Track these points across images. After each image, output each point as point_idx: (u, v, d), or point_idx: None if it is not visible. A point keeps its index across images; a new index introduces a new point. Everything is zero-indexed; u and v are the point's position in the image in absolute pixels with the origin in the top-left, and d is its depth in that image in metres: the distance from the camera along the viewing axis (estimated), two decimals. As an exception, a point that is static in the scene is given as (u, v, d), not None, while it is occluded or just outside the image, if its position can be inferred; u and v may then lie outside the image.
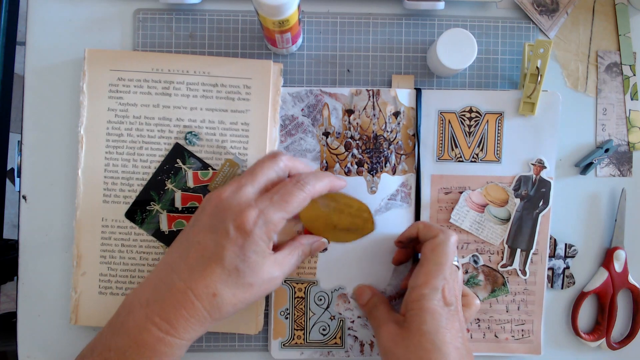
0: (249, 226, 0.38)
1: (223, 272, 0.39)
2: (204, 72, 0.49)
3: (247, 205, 0.39)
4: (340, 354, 0.51)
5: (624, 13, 0.53)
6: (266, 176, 0.42)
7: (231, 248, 0.38)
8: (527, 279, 0.51)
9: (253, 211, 0.39)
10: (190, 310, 0.39)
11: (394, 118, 0.50)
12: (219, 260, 0.39)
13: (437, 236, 0.43)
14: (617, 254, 0.52)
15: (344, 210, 0.49)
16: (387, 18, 0.52)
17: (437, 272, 0.42)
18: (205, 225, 0.40)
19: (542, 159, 0.51)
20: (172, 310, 0.38)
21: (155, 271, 0.41)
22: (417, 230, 0.46)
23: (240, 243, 0.39)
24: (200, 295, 0.39)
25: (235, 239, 0.38)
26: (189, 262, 0.39)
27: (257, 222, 0.39)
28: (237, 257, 0.39)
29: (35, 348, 0.51)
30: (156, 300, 0.39)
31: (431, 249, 0.43)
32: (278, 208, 0.39)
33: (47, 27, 0.51)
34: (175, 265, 0.40)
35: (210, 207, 0.40)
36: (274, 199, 0.40)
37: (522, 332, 0.52)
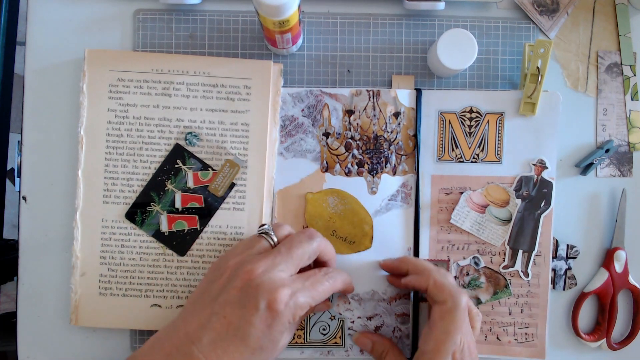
0: (281, 306, 0.38)
1: (246, 350, 0.38)
2: (204, 73, 0.49)
3: (282, 285, 0.39)
4: (340, 353, 0.51)
5: (624, 13, 0.53)
6: (300, 258, 0.42)
7: (259, 326, 0.38)
8: (530, 281, 0.51)
9: (286, 291, 0.38)
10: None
11: (394, 118, 0.50)
12: (244, 338, 0.38)
13: (446, 302, 0.43)
14: (617, 255, 0.52)
15: (348, 217, 0.49)
16: (387, 18, 0.52)
17: (446, 340, 0.42)
18: (233, 298, 0.39)
19: (543, 159, 0.51)
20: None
21: (170, 336, 0.39)
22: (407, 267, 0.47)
23: (269, 322, 0.38)
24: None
25: (265, 317, 0.38)
26: (212, 336, 0.38)
27: (289, 303, 0.38)
28: (264, 336, 0.38)
29: (35, 348, 0.51)
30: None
31: (440, 316, 0.43)
32: (308, 294, 0.40)
33: (47, 27, 0.51)
34: (195, 336, 0.38)
35: (240, 281, 0.39)
36: (305, 284, 0.40)
37: (526, 335, 0.51)
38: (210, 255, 0.49)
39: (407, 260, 0.48)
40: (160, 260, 0.49)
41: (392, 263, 0.49)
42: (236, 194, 0.49)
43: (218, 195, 0.49)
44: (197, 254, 0.49)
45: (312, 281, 0.41)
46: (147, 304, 0.49)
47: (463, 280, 0.51)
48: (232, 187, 0.49)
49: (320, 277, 0.42)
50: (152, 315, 0.49)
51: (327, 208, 0.49)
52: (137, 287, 0.49)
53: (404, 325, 0.51)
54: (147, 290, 0.49)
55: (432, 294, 0.44)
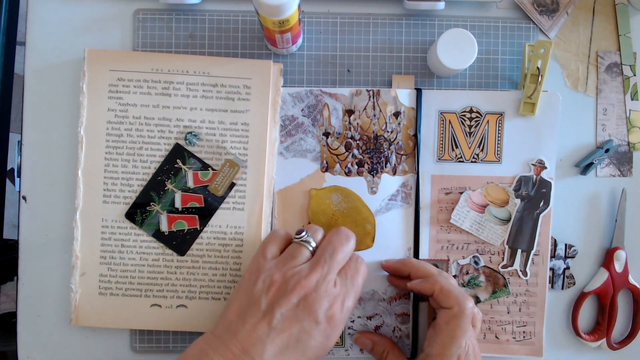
0: (338, 317, 0.40)
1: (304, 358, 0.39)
2: (203, 72, 0.49)
3: (335, 296, 0.40)
4: (340, 352, 0.51)
5: (624, 13, 0.53)
6: (343, 262, 0.43)
7: (319, 338, 0.39)
8: (529, 280, 0.51)
9: (339, 301, 0.40)
10: None
11: (395, 118, 0.50)
12: (304, 350, 0.39)
13: (452, 308, 0.43)
14: (617, 254, 0.52)
15: (351, 215, 0.49)
16: (387, 18, 0.52)
17: (452, 344, 0.42)
18: (291, 313, 0.39)
19: (542, 159, 0.51)
20: None
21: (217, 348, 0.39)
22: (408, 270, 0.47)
23: (328, 333, 0.40)
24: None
25: (324, 329, 0.40)
26: (273, 350, 0.38)
27: (343, 311, 0.40)
28: (322, 346, 0.40)
29: (35, 348, 0.51)
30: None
31: (446, 321, 0.43)
32: (353, 294, 0.42)
33: (47, 27, 0.51)
34: (254, 351, 0.38)
35: (296, 297, 0.39)
36: (348, 287, 0.42)
37: (524, 333, 0.51)
38: (210, 255, 0.49)
39: (409, 263, 0.48)
40: (160, 260, 0.49)
41: (394, 265, 0.49)
42: (236, 194, 0.49)
43: (218, 195, 0.49)
44: (197, 253, 0.49)
45: (352, 277, 0.42)
46: (147, 304, 0.49)
47: (463, 279, 0.51)
48: (232, 186, 0.49)
49: (356, 267, 0.43)
50: (152, 315, 0.49)
51: (331, 205, 0.49)
52: (137, 287, 0.49)
53: (404, 325, 0.51)
54: (147, 290, 0.49)
55: (439, 300, 0.44)
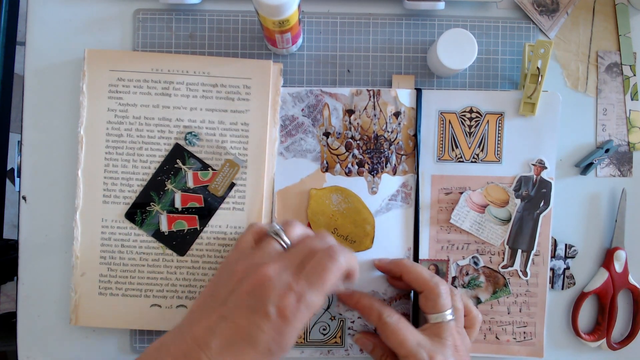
0: (291, 312, 0.37)
1: (256, 355, 0.37)
2: (203, 73, 0.49)
3: (289, 289, 0.37)
4: (340, 352, 0.51)
5: (624, 13, 0.53)
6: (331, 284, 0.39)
7: (270, 332, 0.37)
8: (529, 280, 0.51)
9: (293, 296, 0.37)
10: None
11: (395, 118, 0.50)
12: (253, 344, 0.37)
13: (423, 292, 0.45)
14: (617, 254, 0.52)
15: (350, 216, 0.49)
16: (387, 18, 0.52)
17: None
18: (241, 302, 0.38)
19: (542, 160, 0.51)
20: None
21: (176, 340, 0.38)
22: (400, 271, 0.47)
23: (281, 329, 0.37)
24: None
25: (275, 324, 0.37)
26: (220, 341, 0.37)
27: (299, 307, 0.37)
28: (274, 341, 0.37)
29: (35, 348, 0.51)
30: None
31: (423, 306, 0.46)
32: (317, 289, 0.38)
33: (47, 27, 0.51)
34: (203, 341, 0.37)
35: (250, 285, 0.38)
36: (312, 280, 0.38)
37: (524, 334, 0.51)
38: (210, 255, 0.49)
39: (402, 265, 0.47)
40: (160, 260, 0.49)
41: (386, 265, 0.49)
42: (236, 194, 0.49)
43: (218, 195, 0.49)
44: (197, 254, 0.49)
45: (318, 271, 0.38)
46: (147, 304, 0.49)
47: (463, 280, 0.51)
48: (232, 187, 0.49)
49: (325, 262, 0.39)
50: (152, 315, 0.49)
51: (330, 205, 0.49)
52: (137, 287, 0.49)
53: (404, 325, 0.51)
54: (147, 290, 0.49)
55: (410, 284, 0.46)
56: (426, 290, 0.45)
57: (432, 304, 0.45)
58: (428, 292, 0.45)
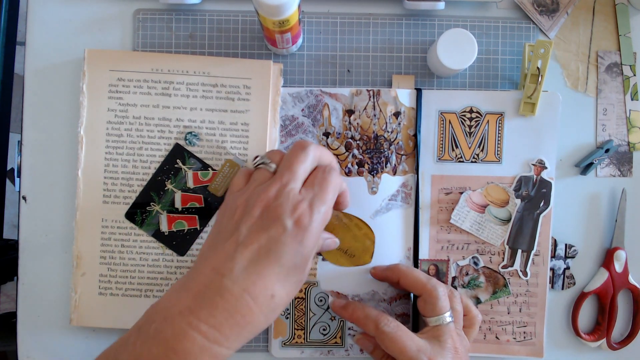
0: (307, 220, 0.37)
1: (281, 270, 0.37)
2: (203, 73, 0.49)
3: (299, 201, 0.38)
4: (340, 352, 0.51)
5: (624, 13, 0.53)
6: (304, 170, 0.40)
7: (291, 244, 0.37)
8: (529, 280, 0.51)
9: (305, 204, 0.38)
10: (247, 316, 0.36)
11: (395, 118, 0.50)
12: (277, 258, 0.37)
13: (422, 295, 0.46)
14: (617, 254, 0.52)
15: (351, 230, 0.49)
16: (387, 18, 0.52)
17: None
18: (255, 226, 0.38)
19: (542, 160, 0.51)
20: (225, 317, 0.35)
21: (193, 277, 0.38)
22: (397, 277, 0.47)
23: (300, 238, 0.37)
24: (258, 298, 0.36)
25: (295, 234, 0.37)
26: (243, 264, 0.36)
27: (312, 215, 0.38)
28: (297, 253, 0.37)
29: (35, 348, 0.51)
30: (203, 306, 0.35)
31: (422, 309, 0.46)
32: (322, 200, 0.39)
33: (47, 27, 0.51)
34: (224, 268, 0.36)
35: (258, 210, 0.38)
36: (315, 191, 0.39)
37: (524, 334, 0.51)
38: (210, 255, 0.49)
39: (398, 270, 0.47)
40: (160, 260, 0.49)
41: (382, 272, 0.49)
42: (236, 194, 0.49)
43: (218, 195, 0.49)
44: (197, 254, 0.49)
45: (319, 184, 0.40)
46: (147, 304, 0.49)
47: (462, 280, 0.51)
48: (232, 187, 0.49)
49: (326, 175, 0.40)
50: (152, 315, 0.49)
51: (332, 219, 0.49)
52: (137, 287, 0.49)
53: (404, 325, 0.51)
54: (147, 290, 0.49)
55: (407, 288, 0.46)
56: (424, 294, 0.45)
57: (430, 307, 0.45)
58: (426, 295, 0.45)
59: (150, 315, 0.37)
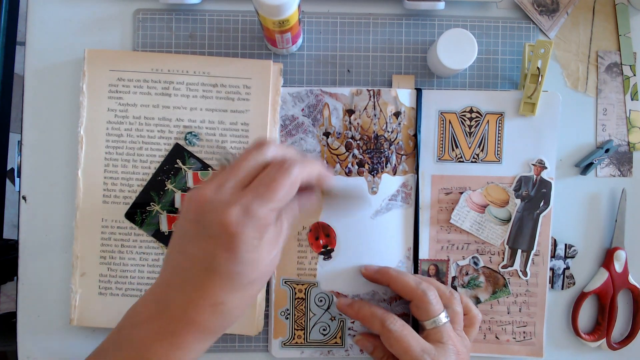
0: (234, 227, 0.34)
1: (222, 279, 0.35)
2: (203, 72, 0.49)
3: (229, 204, 0.34)
4: (340, 353, 0.51)
5: (624, 13, 0.53)
6: (249, 169, 0.36)
7: (222, 254, 0.34)
8: (529, 280, 0.51)
9: (236, 210, 0.34)
10: (196, 325, 0.36)
11: (395, 118, 0.50)
12: (213, 270, 0.35)
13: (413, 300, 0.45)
14: (617, 254, 0.52)
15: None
16: (387, 18, 0.52)
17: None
18: (190, 233, 0.36)
19: (542, 160, 0.51)
20: (176, 327, 0.36)
21: (154, 286, 0.38)
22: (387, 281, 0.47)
23: (230, 246, 0.34)
24: (203, 308, 0.36)
25: (223, 243, 0.34)
26: (184, 276, 0.36)
27: (245, 222, 0.34)
28: (231, 262, 0.35)
29: (35, 348, 0.51)
30: (158, 316, 0.36)
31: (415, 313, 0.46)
32: (264, 200, 0.34)
33: (47, 27, 0.51)
34: (171, 281, 0.37)
35: (192, 213, 0.36)
36: (258, 191, 0.35)
37: (524, 334, 0.51)
38: (210, 255, 0.49)
39: (387, 274, 0.47)
40: (160, 260, 0.49)
41: (373, 275, 0.49)
42: (236, 194, 0.49)
43: (218, 195, 0.49)
44: (197, 253, 0.49)
45: (266, 182, 0.35)
46: (147, 304, 0.49)
47: (462, 280, 0.51)
48: (232, 187, 0.49)
49: (274, 174, 0.35)
50: (152, 315, 0.49)
51: None
52: (137, 287, 0.49)
53: (404, 325, 0.51)
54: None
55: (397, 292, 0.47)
56: (415, 299, 0.45)
57: (423, 312, 0.45)
58: (417, 300, 0.45)
59: (123, 321, 0.38)
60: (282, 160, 0.37)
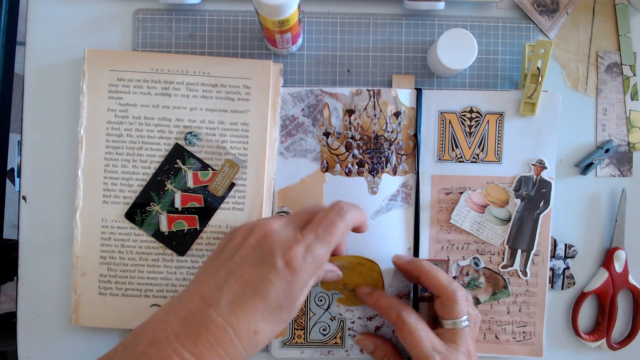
0: (298, 263, 0.37)
1: (266, 308, 0.37)
2: (203, 73, 0.49)
3: (296, 240, 0.38)
4: (340, 353, 0.51)
5: (624, 13, 0.53)
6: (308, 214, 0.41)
7: (278, 283, 0.37)
8: (529, 280, 0.51)
9: (301, 247, 0.38)
10: (228, 349, 0.36)
11: (395, 118, 0.50)
12: (263, 296, 0.37)
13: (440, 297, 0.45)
14: (617, 254, 0.52)
15: (355, 269, 0.48)
16: (387, 18, 0.52)
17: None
18: (248, 256, 0.38)
19: (542, 160, 0.51)
20: (207, 347, 0.36)
21: (183, 301, 0.38)
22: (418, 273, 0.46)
23: (289, 279, 0.37)
24: (240, 333, 0.36)
25: (283, 274, 0.37)
26: (230, 296, 0.37)
27: (306, 258, 0.38)
28: (283, 293, 0.37)
29: (35, 348, 0.51)
30: (188, 334, 0.36)
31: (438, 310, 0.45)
32: (323, 242, 0.39)
33: (47, 27, 0.51)
34: (211, 298, 0.37)
35: (255, 239, 0.38)
36: (319, 233, 0.39)
37: (524, 334, 0.51)
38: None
39: (420, 266, 0.46)
40: (160, 260, 0.49)
41: (405, 265, 0.48)
42: (236, 194, 0.49)
43: (218, 195, 0.49)
44: (196, 254, 0.49)
45: (325, 225, 0.39)
46: (146, 304, 0.49)
47: (463, 281, 0.51)
48: (231, 187, 0.49)
49: (333, 217, 0.40)
50: (152, 315, 0.49)
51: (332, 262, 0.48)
52: (137, 287, 0.49)
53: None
54: (147, 290, 0.49)
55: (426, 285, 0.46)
56: (443, 296, 0.44)
57: (448, 310, 0.44)
58: (445, 297, 0.44)
59: (138, 335, 0.37)
60: (337, 204, 0.41)
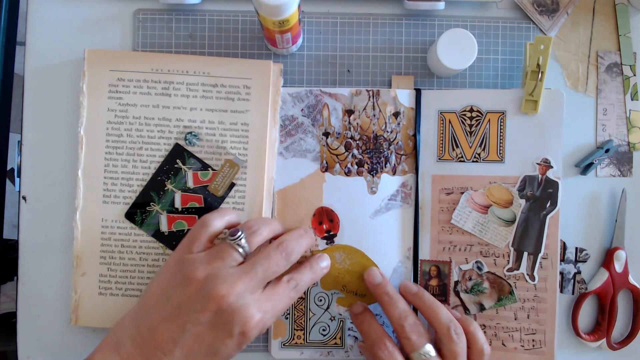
0: (253, 332, 0.40)
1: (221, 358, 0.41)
2: (203, 73, 0.49)
3: (254, 313, 0.40)
4: (340, 353, 0.51)
5: (624, 13, 0.53)
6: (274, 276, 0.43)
7: (232, 346, 0.40)
8: (537, 284, 0.50)
9: (258, 317, 0.40)
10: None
11: (394, 118, 0.50)
12: (215, 355, 0.40)
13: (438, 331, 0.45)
14: (617, 254, 0.52)
15: (356, 271, 0.49)
16: (387, 18, 0.52)
17: None
18: (206, 320, 0.40)
19: (548, 159, 0.50)
20: None
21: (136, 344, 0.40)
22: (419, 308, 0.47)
23: (240, 343, 0.41)
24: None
25: (237, 340, 0.40)
26: (184, 351, 0.39)
27: (258, 325, 0.41)
28: (233, 351, 0.41)
29: (35, 348, 0.51)
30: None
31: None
32: (274, 314, 0.42)
33: (47, 27, 0.51)
34: (167, 349, 0.39)
35: (214, 305, 0.39)
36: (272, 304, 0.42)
37: (533, 342, 0.50)
38: (210, 255, 0.49)
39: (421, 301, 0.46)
40: (160, 260, 0.49)
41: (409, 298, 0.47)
42: (236, 194, 0.49)
43: (218, 195, 0.49)
44: (197, 254, 0.49)
45: (279, 299, 0.42)
46: (147, 304, 0.49)
47: (465, 285, 0.51)
48: (231, 187, 0.49)
49: (287, 291, 0.43)
50: (152, 315, 0.49)
51: (335, 264, 0.49)
52: (137, 287, 0.49)
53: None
54: (147, 290, 0.49)
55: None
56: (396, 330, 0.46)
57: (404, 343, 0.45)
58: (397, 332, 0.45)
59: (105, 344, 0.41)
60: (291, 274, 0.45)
